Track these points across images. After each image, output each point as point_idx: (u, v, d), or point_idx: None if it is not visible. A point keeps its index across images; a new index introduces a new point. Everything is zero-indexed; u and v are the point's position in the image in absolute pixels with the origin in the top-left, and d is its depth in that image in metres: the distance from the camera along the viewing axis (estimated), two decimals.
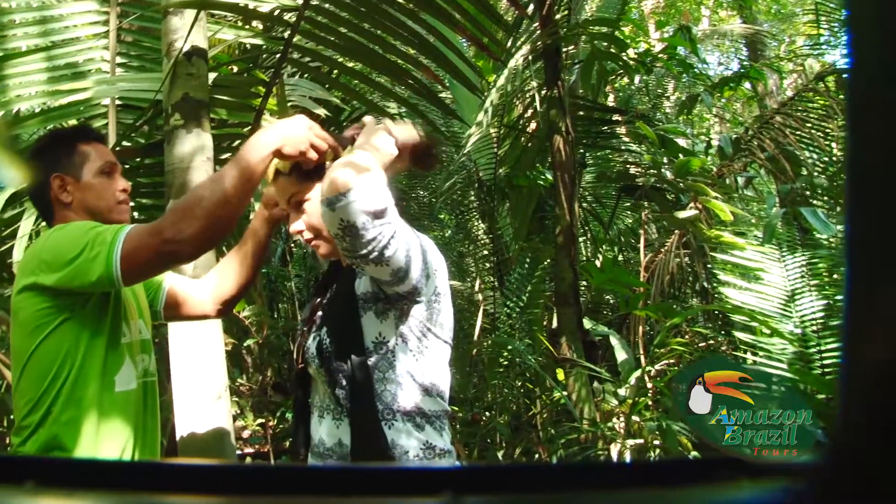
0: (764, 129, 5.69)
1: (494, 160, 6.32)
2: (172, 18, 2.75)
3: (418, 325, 1.65)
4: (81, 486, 0.51)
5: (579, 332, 4.93)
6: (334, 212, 1.43)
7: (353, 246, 1.46)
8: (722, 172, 5.85)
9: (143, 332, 1.98)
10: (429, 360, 1.66)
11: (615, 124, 6.34)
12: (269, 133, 1.64)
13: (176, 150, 2.60)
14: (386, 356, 1.62)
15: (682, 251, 5.48)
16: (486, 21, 3.10)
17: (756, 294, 4.46)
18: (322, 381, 1.68)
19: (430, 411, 1.64)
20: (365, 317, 1.63)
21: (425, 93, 3.40)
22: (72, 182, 1.91)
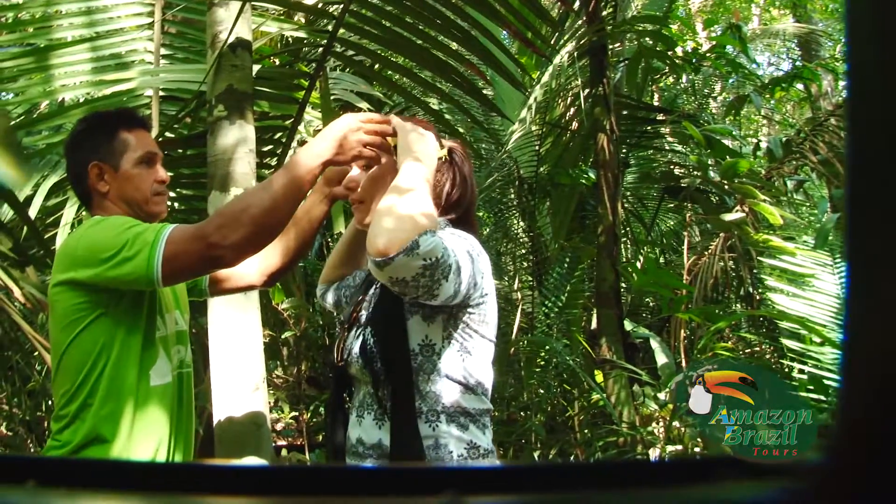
0: (817, 131, 5.59)
1: (536, 158, 6.29)
2: (218, 10, 2.77)
3: (465, 326, 1.65)
4: (81, 486, 0.52)
5: (620, 334, 4.90)
6: (381, 271, 1.44)
7: (402, 291, 1.49)
8: (771, 175, 5.77)
9: (178, 322, 1.99)
10: (475, 360, 1.66)
11: (660, 124, 6.28)
12: (320, 143, 1.64)
13: (219, 141, 2.62)
14: (431, 358, 1.62)
15: (726, 255, 5.42)
16: (530, 16, 3.09)
17: (805, 301, 4.38)
18: (365, 382, 1.68)
19: (473, 410, 1.64)
20: (412, 320, 1.63)
21: (468, 88, 3.40)
22: (109, 171, 1.90)
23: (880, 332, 0.39)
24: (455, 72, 3.25)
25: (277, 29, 3.70)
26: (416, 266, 1.42)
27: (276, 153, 3.58)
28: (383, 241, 1.42)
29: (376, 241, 1.44)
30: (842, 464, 0.42)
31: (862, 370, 0.40)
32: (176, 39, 4.21)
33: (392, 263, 1.41)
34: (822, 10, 14.40)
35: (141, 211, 1.92)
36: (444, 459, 1.58)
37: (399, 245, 1.41)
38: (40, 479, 0.50)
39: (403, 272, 1.43)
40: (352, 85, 3.78)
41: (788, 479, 0.51)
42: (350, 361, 1.72)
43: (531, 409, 5.24)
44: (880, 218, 0.39)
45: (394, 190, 1.56)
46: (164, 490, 0.52)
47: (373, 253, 1.44)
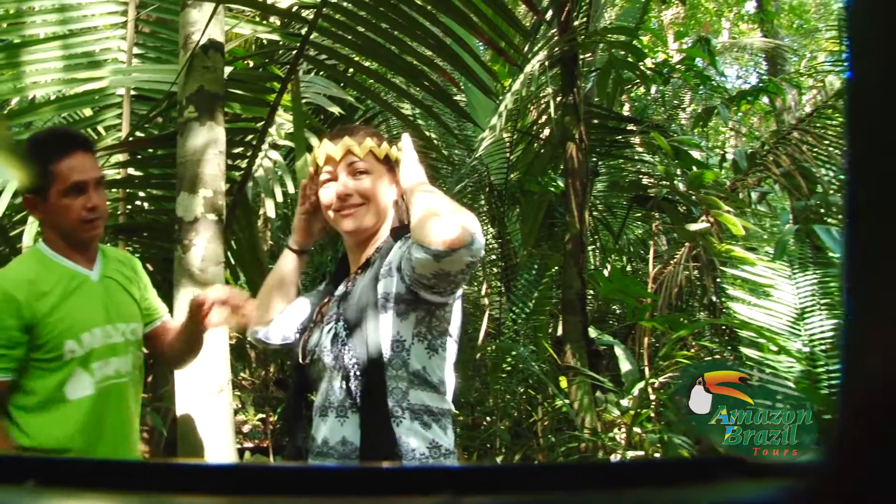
0: (781, 144, 5.67)
1: (506, 165, 6.32)
2: (191, 11, 2.77)
3: (439, 324, 1.69)
4: (81, 486, 0.51)
5: (584, 341, 4.91)
6: (437, 262, 1.48)
7: (434, 286, 1.55)
8: (735, 186, 5.84)
9: (113, 336, 2.11)
10: (441, 358, 1.69)
11: (629, 134, 6.33)
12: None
13: (189, 142, 2.62)
14: (400, 354, 1.65)
15: (691, 264, 5.47)
16: (503, 25, 3.11)
17: (765, 311, 4.43)
18: (334, 376, 1.69)
19: (436, 409, 1.66)
20: (384, 315, 1.66)
21: (440, 95, 3.41)
22: (40, 202, 2.03)
23: (881, 335, 0.39)
24: (427, 78, 3.25)
25: (251, 31, 3.68)
26: (466, 262, 1.49)
27: (246, 155, 3.56)
28: (451, 235, 1.47)
29: (443, 234, 1.47)
30: (842, 464, 0.42)
31: (862, 370, 0.40)
32: (149, 39, 4.18)
33: (452, 256, 1.47)
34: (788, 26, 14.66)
35: (72, 238, 2.08)
36: (407, 457, 1.60)
37: (462, 240, 1.47)
38: (40, 479, 0.50)
39: (456, 266, 1.49)
40: (324, 89, 3.77)
41: (788, 479, 0.51)
42: (316, 358, 1.74)
43: (496, 414, 5.25)
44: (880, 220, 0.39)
45: (430, 193, 1.65)
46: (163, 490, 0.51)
47: (438, 244, 1.47)
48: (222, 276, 2.62)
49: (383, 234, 1.84)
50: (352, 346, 1.65)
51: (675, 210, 5.72)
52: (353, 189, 1.78)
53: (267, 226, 6.35)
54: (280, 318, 1.99)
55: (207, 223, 2.56)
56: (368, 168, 1.81)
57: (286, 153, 4.43)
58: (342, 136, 1.83)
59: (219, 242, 2.60)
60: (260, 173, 4.04)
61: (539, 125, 6.33)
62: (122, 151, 3.68)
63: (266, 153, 4.06)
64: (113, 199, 3.95)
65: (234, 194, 3.48)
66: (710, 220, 5.00)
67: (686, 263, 5.42)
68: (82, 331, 2.03)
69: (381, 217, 1.83)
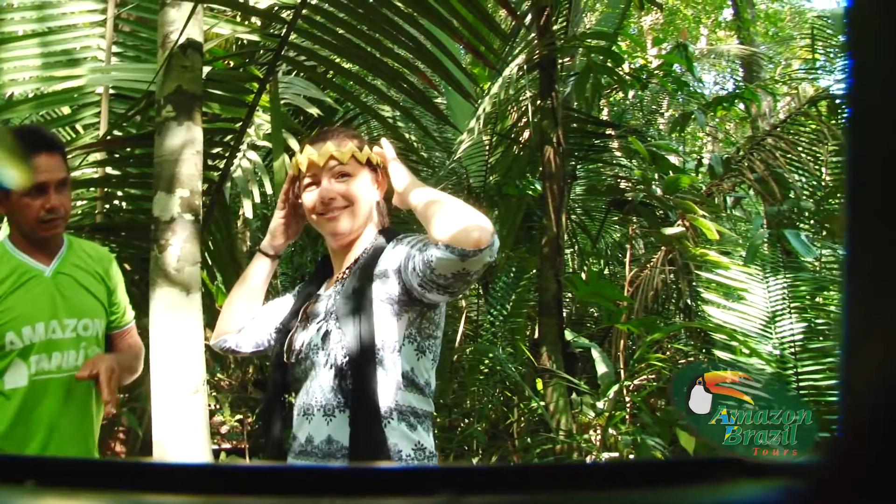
0: (755, 150, 5.73)
1: (485, 168, 6.34)
2: (170, 10, 2.74)
3: (428, 326, 1.71)
4: (82, 486, 0.51)
5: (560, 344, 4.94)
6: (464, 262, 1.48)
7: (449, 286, 1.55)
8: (711, 191, 5.89)
9: (57, 332, 2.15)
10: (427, 360, 1.71)
11: (607, 138, 6.38)
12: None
13: (166, 141, 2.59)
14: (391, 354, 1.66)
15: (667, 268, 5.51)
16: (483, 29, 3.11)
17: (738, 314, 4.49)
18: (322, 375, 1.69)
19: (421, 411, 1.67)
20: (378, 315, 1.66)
21: (419, 97, 3.42)
22: (3, 199, 2.11)
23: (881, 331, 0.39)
24: (407, 81, 3.25)
25: (230, 31, 3.67)
26: (485, 263, 1.50)
27: (223, 156, 3.55)
28: (477, 235, 1.48)
29: (470, 234, 1.48)
30: (843, 463, 0.42)
31: (863, 369, 0.40)
32: (128, 38, 4.17)
33: (477, 256, 1.47)
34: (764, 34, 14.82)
35: (30, 237, 2.15)
36: (393, 458, 1.60)
37: (487, 241, 1.48)
38: (40, 479, 0.50)
39: (478, 266, 1.50)
40: (303, 90, 3.76)
41: (788, 479, 0.51)
42: (303, 357, 1.74)
43: (473, 416, 5.26)
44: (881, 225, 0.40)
45: (438, 193, 1.68)
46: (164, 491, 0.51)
47: (465, 244, 1.47)
48: (198, 276, 2.59)
49: (367, 235, 1.85)
50: (345, 345, 1.64)
51: (652, 214, 5.77)
52: (337, 192, 1.79)
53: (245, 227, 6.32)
54: (252, 325, 1.99)
55: (184, 223, 2.53)
56: (351, 171, 1.82)
57: (264, 154, 4.42)
58: (324, 141, 1.84)
59: (195, 243, 2.57)
60: (238, 174, 4.03)
61: (518, 129, 6.36)
62: (99, 150, 3.67)
63: (244, 154, 4.05)
64: (90, 198, 3.93)
65: (212, 195, 3.48)
66: (686, 224, 5.05)
67: (662, 267, 5.46)
68: (24, 324, 2.08)
69: (364, 219, 1.84)
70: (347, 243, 1.85)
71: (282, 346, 1.82)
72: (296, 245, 6.12)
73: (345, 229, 1.80)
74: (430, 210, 1.61)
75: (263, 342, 1.96)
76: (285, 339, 1.83)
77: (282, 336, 1.86)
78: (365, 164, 1.85)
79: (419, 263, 1.56)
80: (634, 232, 6.47)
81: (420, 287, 1.58)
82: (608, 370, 4.90)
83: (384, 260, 1.72)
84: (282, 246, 2.04)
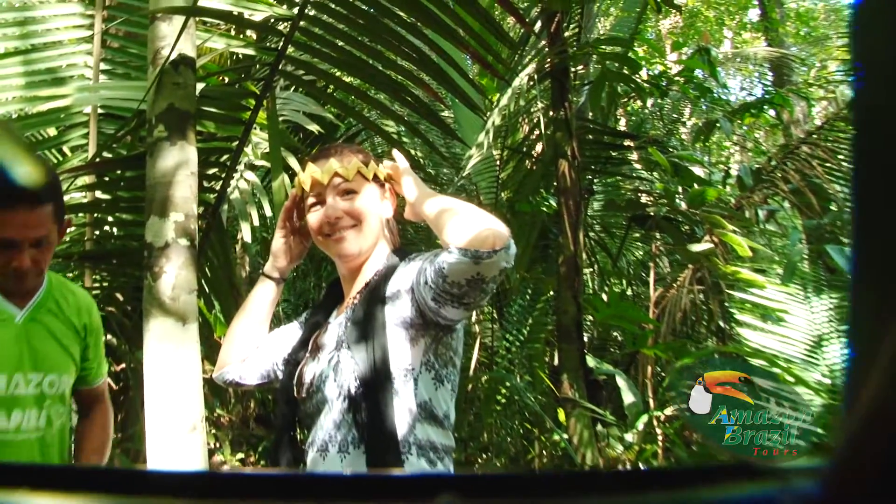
0: (789, 159, 5.68)
1: (496, 184, 6.36)
2: (160, 24, 2.77)
3: (446, 352, 1.68)
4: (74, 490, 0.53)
5: (582, 371, 4.91)
6: (477, 265, 1.47)
7: (464, 296, 1.53)
8: (741, 204, 5.85)
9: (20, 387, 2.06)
10: (447, 390, 1.69)
11: (626, 150, 6.38)
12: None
13: (159, 163, 2.61)
14: (408, 384, 1.63)
15: (695, 287, 5.47)
16: (490, 38, 3.11)
17: (778, 337, 4.41)
18: (335, 409, 1.66)
19: (441, 446, 1.65)
20: (393, 341, 1.64)
21: (425, 111, 3.41)
22: None
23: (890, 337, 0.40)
24: (412, 94, 3.27)
25: (225, 45, 3.68)
26: (501, 267, 1.49)
27: (220, 177, 3.57)
28: (491, 235, 1.47)
29: (484, 234, 1.48)
30: (847, 465, 0.43)
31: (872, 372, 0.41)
32: (117, 54, 4.19)
33: (492, 259, 1.46)
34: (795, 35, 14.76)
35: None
36: None
37: (502, 242, 1.47)
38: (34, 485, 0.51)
39: (493, 270, 1.48)
40: (302, 106, 3.79)
41: (791, 480, 0.52)
42: (315, 390, 1.71)
43: (491, 450, 5.24)
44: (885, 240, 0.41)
45: (450, 198, 1.69)
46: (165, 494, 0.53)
47: (479, 246, 1.46)
48: (195, 305, 2.60)
49: (378, 256, 1.84)
50: (359, 375, 1.62)
51: (677, 230, 5.75)
52: (343, 211, 1.79)
53: (243, 251, 6.35)
54: (256, 355, 1.97)
55: (179, 249, 2.55)
56: (357, 188, 1.81)
57: (263, 174, 4.45)
58: (327, 158, 1.84)
59: (191, 269, 2.58)
60: (235, 196, 4.05)
61: (530, 142, 6.37)
62: (88, 173, 3.69)
63: (241, 174, 4.07)
64: (79, 225, 3.96)
65: (208, 218, 3.50)
66: (715, 240, 5.02)
67: (690, 287, 5.42)
68: None
69: (374, 238, 1.83)
70: (357, 265, 1.83)
71: (290, 380, 1.80)
72: (298, 270, 6.15)
73: (353, 250, 1.79)
74: (443, 217, 1.61)
75: (269, 373, 1.94)
76: (294, 372, 1.80)
77: (290, 369, 1.83)
78: (371, 179, 1.84)
79: (431, 274, 1.54)
80: (658, 249, 6.44)
81: (434, 302, 1.56)
82: (635, 399, 4.85)
83: (396, 280, 1.70)
84: (286, 268, 2.03)
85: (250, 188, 4.16)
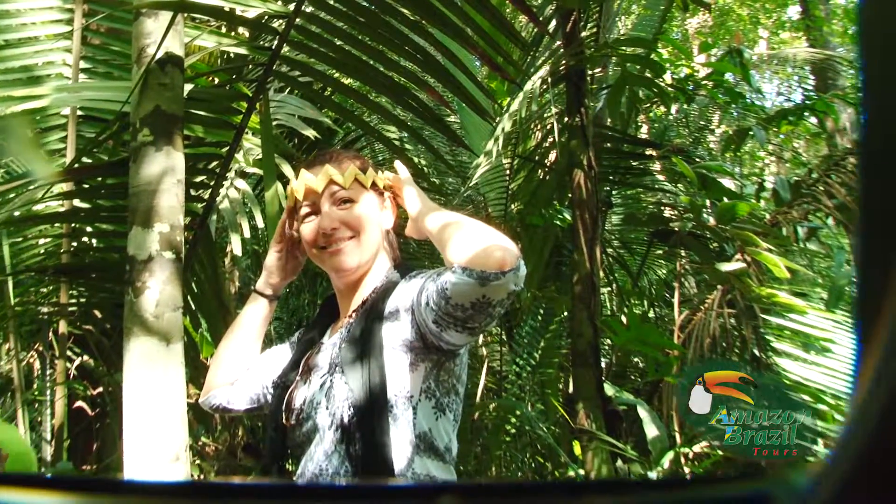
0: (833, 171, 5.60)
1: (506, 195, 6.38)
2: (146, 20, 2.77)
3: (448, 379, 1.68)
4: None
5: (599, 400, 4.87)
6: (483, 287, 1.46)
7: (467, 320, 1.51)
8: (777, 220, 5.78)
9: None
10: (448, 420, 1.68)
11: (647, 159, 6.37)
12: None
13: (143, 169, 2.62)
14: (406, 412, 1.63)
15: (726, 310, 5.44)
16: (500, 38, 3.12)
17: (823, 369, 4.31)
18: (327, 438, 1.66)
19: (442, 481, 1.64)
20: (390, 366, 1.63)
21: (429, 116, 3.41)
22: None
23: None
24: (415, 98, 3.27)
25: (215, 44, 3.66)
26: (510, 290, 1.48)
27: (208, 185, 3.59)
28: (500, 255, 1.46)
29: (492, 253, 1.46)
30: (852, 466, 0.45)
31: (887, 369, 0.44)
32: (98, 52, 4.22)
33: (500, 280, 1.45)
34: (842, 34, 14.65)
35: None
36: None
37: (512, 262, 1.46)
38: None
39: (501, 293, 1.47)
40: (297, 109, 3.80)
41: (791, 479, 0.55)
42: (305, 417, 1.71)
43: None
44: None
45: (455, 213, 1.68)
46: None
47: (487, 265, 1.45)
48: (180, 323, 2.58)
49: (377, 271, 1.85)
50: (353, 403, 1.61)
51: (704, 247, 5.71)
52: (340, 221, 1.79)
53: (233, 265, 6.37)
54: (246, 379, 1.98)
55: (164, 262, 2.54)
56: (354, 196, 1.82)
57: (255, 183, 4.46)
58: (322, 164, 1.84)
59: (176, 284, 2.57)
60: (225, 205, 4.05)
61: (542, 150, 6.37)
62: (66, 180, 3.69)
63: (232, 182, 4.08)
64: (55, 236, 3.98)
65: (195, 229, 3.50)
66: (747, 259, 4.96)
67: (719, 310, 5.39)
68: None
69: (373, 251, 1.84)
70: (354, 281, 1.84)
71: (279, 405, 1.79)
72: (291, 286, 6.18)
73: (351, 264, 1.80)
74: (447, 232, 1.61)
75: (258, 398, 1.95)
76: (284, 397, 1.80)
77: (280, 393, 1.83)
78: (370, 187, 1.85)
79: (433, 294, 1.53)
80: (683, 268, 6.43)
81: (435, 325, 1.55)
82: (660, 433, 4.79)
83: (396, 298, 1.70)
84: (280, 285, 2.05)
85: (241, 197, 4.14)
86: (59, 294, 4.01)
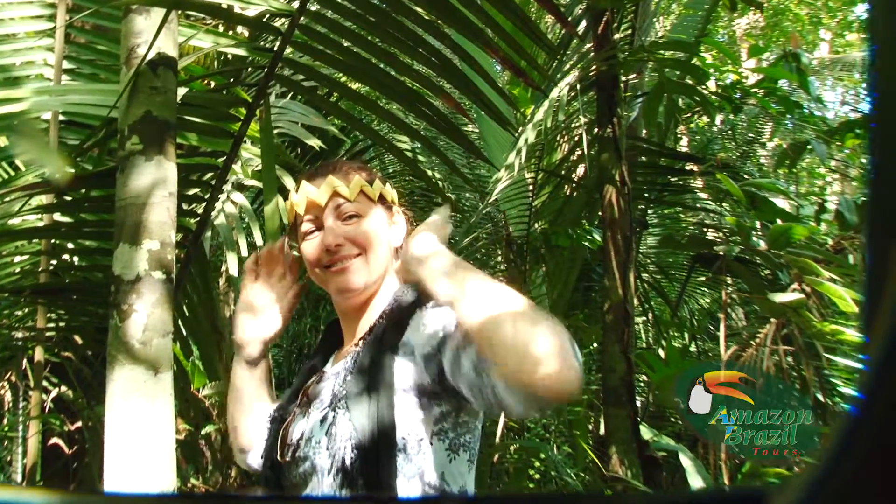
0: None
1: (528, 213, 6.39)
2: (136, 18, 2.79)
3: (464, 421, 1.67)
4: None
5: (635, 444, 4.85)
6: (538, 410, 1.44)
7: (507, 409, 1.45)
8: (841, 246, 5.70)
9: None
10: (463, 463, 1.67)
11: (688, 175, 6.36)
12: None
13: (131, 180, 2.63)
14: (417, 455, 1.61)
15: (782, 347, 5.38)
16: (524, 40, 3.12)
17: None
18: (325, 481, 1.63)
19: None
20: (400, 405, 1.61)
21: (445, 125, 3.41)
22: None
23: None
24: (429, 105, 3.28)
25: (212, 44, 3.62)
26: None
27: (203, 198, 3.60)
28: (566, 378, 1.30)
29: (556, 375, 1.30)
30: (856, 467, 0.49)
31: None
32: (83, 51, 4.27)
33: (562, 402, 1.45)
34: None
35: None
36: None
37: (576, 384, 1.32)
38: None
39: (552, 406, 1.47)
40: (301, 116, 3.82)
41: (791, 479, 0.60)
42: (302, 456, 1.69)
43: None
44: None
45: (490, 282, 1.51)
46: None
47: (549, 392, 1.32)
48: (169, 350, 2.59)
49: (385, 292, 1.85)
50: (356, 442, 1.58)
51: (754, 274, 5.66)
52: (345, 237, 1.79)
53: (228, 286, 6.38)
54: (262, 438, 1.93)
55: (152, 283, 2.55)
56: (361, 211, 1.82)
57: (253, 196, 4.49)
58: (325, 175, 1.85)
59: (166, 308, 2.58)
60: (220, 221, 4.09)
61: (569, 163, 6.40)
62: (46, 192, 3.71)
63: (228, 196, 4.12)
64: (33, 252, 4.01)
65: (188, 247, 3.52)
66: (806, 289, 4.90)
67: (774, 346, 5.32)
68: None
69: (382, 270, 1.84)
70: (361, 303, 1.84)
71: (275, 439, 1.79)
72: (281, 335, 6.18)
73: (357, 283, 1.79)
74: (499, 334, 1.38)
75: None
76: (279, 431, 1.79)
77: (276, 427, 1.82)
78: (378, 200, 1.86)
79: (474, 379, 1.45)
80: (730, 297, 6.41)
81: (471, 394, 1.49)
82: (705, 484, 4.75)
83: (412, 333, 1.67)
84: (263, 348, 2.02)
85: (238, 212, 4.18)
86: (35, 317, 4.01)
